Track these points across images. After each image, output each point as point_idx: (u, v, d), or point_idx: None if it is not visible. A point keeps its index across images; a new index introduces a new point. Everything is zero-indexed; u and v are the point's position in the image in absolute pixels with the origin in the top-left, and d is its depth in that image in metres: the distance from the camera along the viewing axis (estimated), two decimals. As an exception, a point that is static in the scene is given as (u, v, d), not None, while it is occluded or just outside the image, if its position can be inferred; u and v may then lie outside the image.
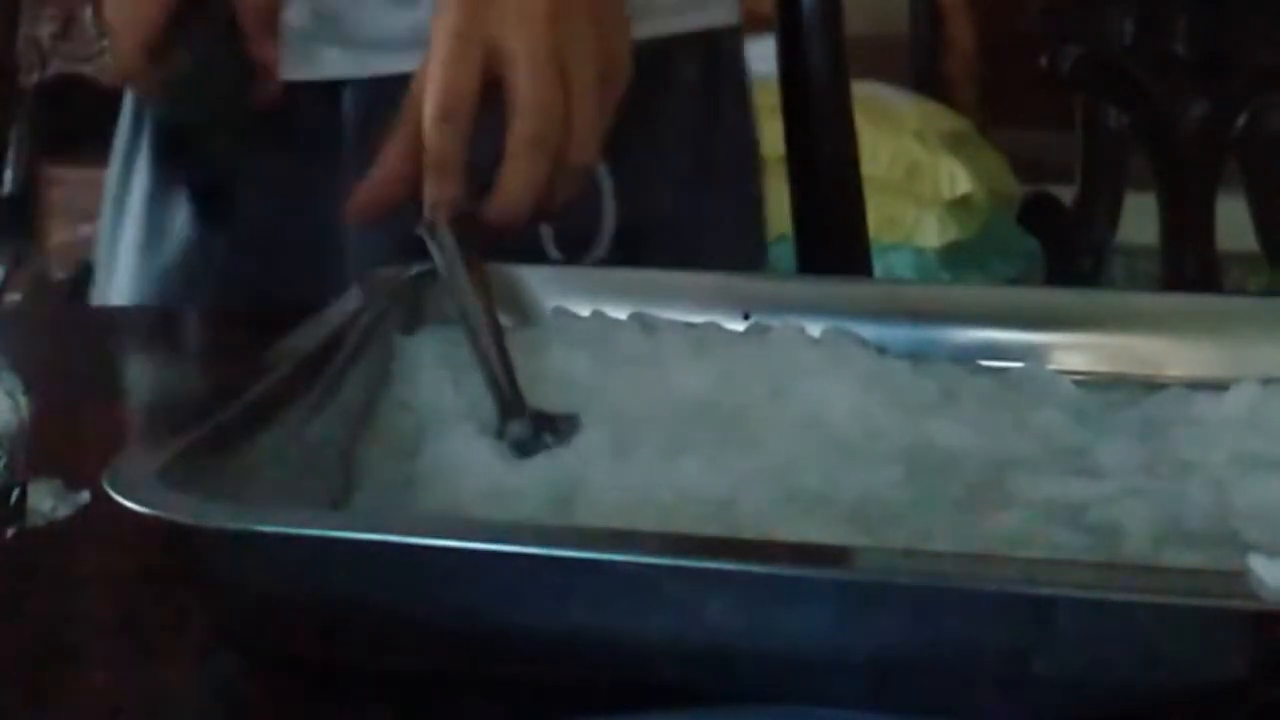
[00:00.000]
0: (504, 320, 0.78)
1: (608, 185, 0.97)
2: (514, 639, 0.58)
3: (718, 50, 1.10)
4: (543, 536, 0.59)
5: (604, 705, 0.55)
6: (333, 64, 1.04)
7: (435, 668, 0.59)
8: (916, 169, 2.94)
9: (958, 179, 2.94)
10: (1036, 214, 1.44)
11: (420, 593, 0.58)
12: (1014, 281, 2.77)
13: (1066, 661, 0.54)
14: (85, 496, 0.70)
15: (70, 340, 1.03)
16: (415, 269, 0.83)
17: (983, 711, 0.55)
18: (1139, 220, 1.39)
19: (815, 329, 0.78)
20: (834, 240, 1.28)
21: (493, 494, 0.67)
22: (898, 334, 0.79)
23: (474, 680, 0.59)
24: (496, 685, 0.59)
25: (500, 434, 0.72)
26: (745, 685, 0.56)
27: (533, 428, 0.72)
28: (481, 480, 0.68)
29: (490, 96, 0.82)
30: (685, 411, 0.72)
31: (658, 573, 0.56)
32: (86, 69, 1.61)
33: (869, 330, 0.78)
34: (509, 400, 0.73)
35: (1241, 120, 1.32)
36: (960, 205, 2.96)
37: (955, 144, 3.01)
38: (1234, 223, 1.36)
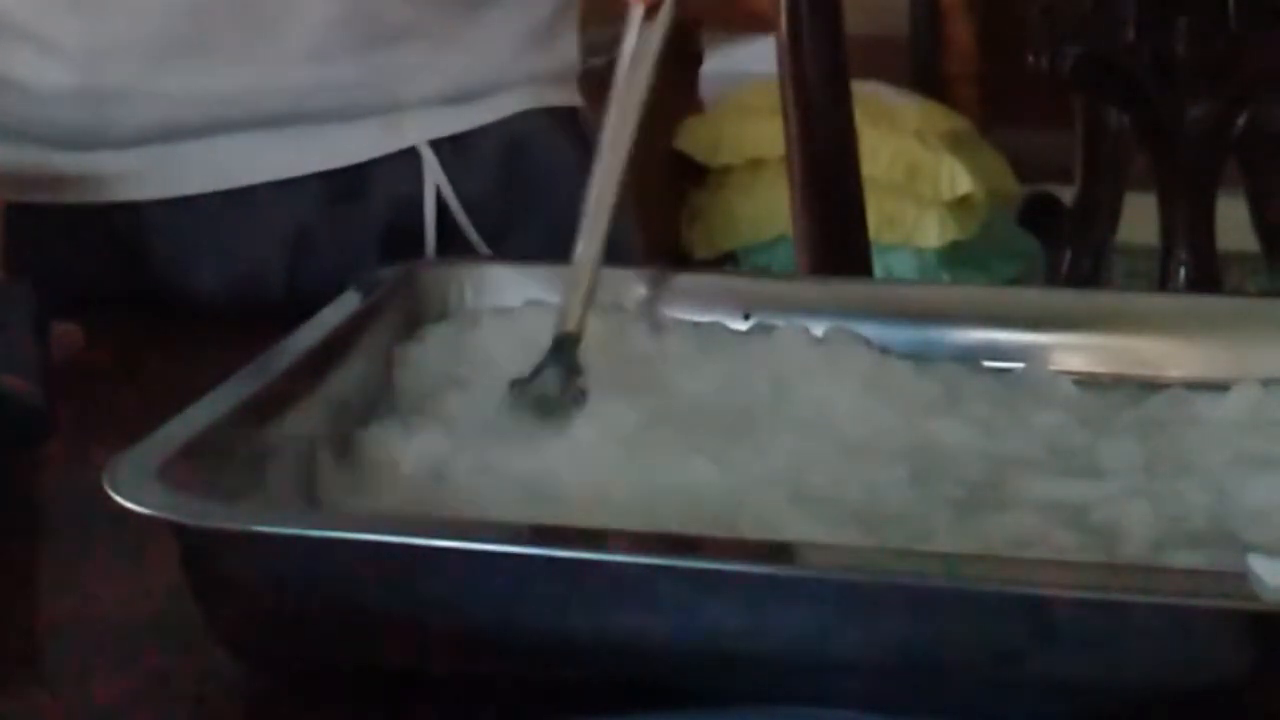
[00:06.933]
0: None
1: None
2: (512, 639, 0.58)
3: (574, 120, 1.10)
4: (542, 537, 0.59)
5: (604, 705, 0.55)
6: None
7: (434, 668, 0.59)
8: (916, 169, 2.94)
9: (958, 179, 2.94)
10: (1036, 214, 1.44)
11: (418, 593, 0.58)
12: (1014, 281, 2.77)
13: (1066, 661, 0.54)
14: None
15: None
16: (415, 268, 0.83)
17: (983, 712, 0.55)
18: (1139, 220, 1.39)
19: (816, 329, 0.78)
20: (834, 240, 1.28)
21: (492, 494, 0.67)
22: (897, 334, 0.79)
23: (472, 680, 0.59)
24: (495, 685, 0.59)
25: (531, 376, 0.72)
26: (745, 685, 0.56)
27: (563, 383, 0.72)
28: (481, 479, 0.68)
29: None
30: (689, 411, 0.72)
31: (657, 573, 0.56)
32: None
33: (869, 331, 0.78)
34: (571, 328, 0.73)
35: (1241, 120, 1.32)
36: (960, 205, 2.96)
37: (955, 144, 3.00)
38: (1234, 223, 1.36)
